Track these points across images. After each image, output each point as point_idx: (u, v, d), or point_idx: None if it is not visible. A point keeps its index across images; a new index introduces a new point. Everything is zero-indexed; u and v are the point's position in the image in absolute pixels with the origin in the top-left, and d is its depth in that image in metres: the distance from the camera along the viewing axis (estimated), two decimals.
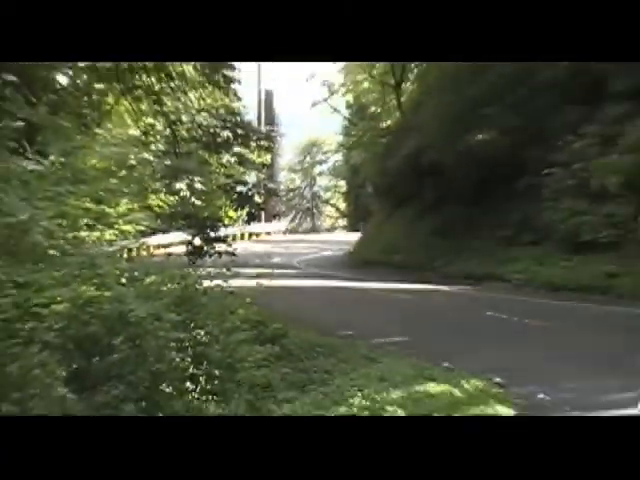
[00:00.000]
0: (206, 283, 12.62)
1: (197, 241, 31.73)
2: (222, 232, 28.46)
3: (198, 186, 25.97)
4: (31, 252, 8.93)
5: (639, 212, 29.16)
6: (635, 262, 27.70)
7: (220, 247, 27.86)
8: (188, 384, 10.26)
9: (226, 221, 29.33)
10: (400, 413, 11.69)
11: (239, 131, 29.70)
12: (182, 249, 26.62)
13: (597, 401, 12.37)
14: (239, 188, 29.71)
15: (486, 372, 14.37)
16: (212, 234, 27.23)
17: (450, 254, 38.18)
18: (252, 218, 33.25)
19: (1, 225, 8.53)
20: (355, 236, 65.16)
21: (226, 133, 29.23)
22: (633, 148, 29.96)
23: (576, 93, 34.41)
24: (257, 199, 33.91)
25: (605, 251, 29.39)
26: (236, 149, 29.64)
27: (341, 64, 71.61)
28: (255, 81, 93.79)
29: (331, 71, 66.22)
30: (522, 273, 31.58)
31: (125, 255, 11.99)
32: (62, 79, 25.80)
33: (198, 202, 25.90)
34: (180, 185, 25.78)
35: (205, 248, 27.12)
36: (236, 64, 30.58)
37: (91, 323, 9.03)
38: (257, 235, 78.06)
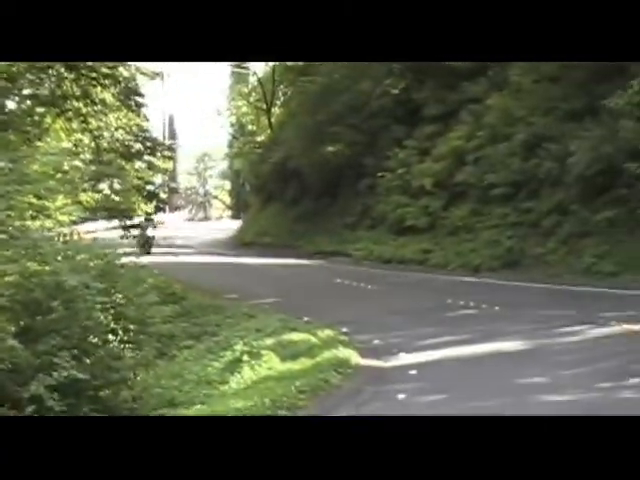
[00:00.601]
0: (124, 259, 12.48)
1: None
2: (136, 220, 28.09)
3: (117, 186, 25.91)
4: None
5: (447, 204, 29.69)
6: (443, 241, 28.25)
7: (134, 232, 27.58)
8: (110, 336, 10.16)
9: (139, 212, 29.06)
10: (272, 355, 11.70)
11: (148, 144, 29.44)
12: (106, 234, 26.23)
13: (415, 345, 12.53)
14: (148, 187, 29.36)
15: (335, 324, 14.46)
16: (128, 222, 26.86)
17: (308, 236, 38.33)
18: (159, 210, 33.07)
19: None
20: (237, 223, 64.90)
21: (138, 145, 28.97)
22: (442, 157, 30.56)
23: (400, 116, 34.92)
24: (162, 195, 33.58)
25: (422, 233, 29.89)
26: (146, 157, 29.35)
27: (226, 93, 71.60)
28: (161, 106, 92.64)
29: (219, 98, 66.12)
30: (362, 250, 31.86)
31: (61, 239, 11.74)
32: (10, 104, 25.29)
33: (117, 198, 25.74)
34: (103, 185, 25.68)
35: (126, 233, 26.80)
36: (144, 88, 30.29)
37: (34, 290, 8.88)
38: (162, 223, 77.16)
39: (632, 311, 14.45)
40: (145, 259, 14.11)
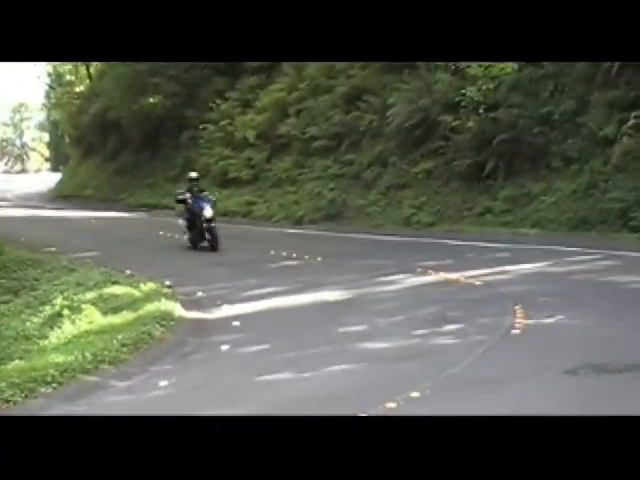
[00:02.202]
0: None
1: None
2: None
3: None
4: None
5: (270, 156, 29.86)
6: (267, 193, 28.46)
7: None
8: None
9: None
10: (93, 309, 11.55)
11: None
12: None
13: (239, 296, 12.62)
14: None
15: (159, 277, 14.36)
16: None
17: (130, 189, 37.93)
18: None
19: None
20: (57, 176, 63.27)
21: None
22: (264, 109, 30.72)
23: (222, 67, 34.73)
24: None
25: (246, 185, 29.99)
26: None
27: None
28: None
29: None
30: None
31: None
32: None
33: None
34: None
35: None
36: None
37: None
38: None
39: (448, 260, 15.01)
40: None
